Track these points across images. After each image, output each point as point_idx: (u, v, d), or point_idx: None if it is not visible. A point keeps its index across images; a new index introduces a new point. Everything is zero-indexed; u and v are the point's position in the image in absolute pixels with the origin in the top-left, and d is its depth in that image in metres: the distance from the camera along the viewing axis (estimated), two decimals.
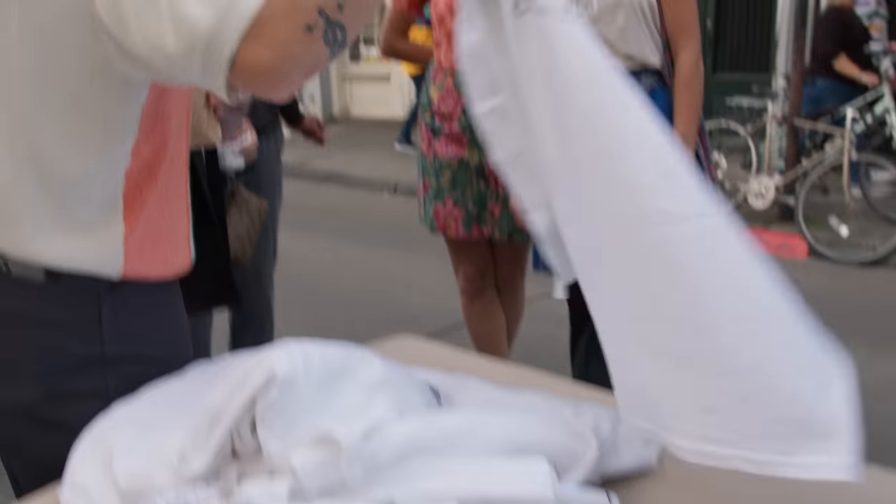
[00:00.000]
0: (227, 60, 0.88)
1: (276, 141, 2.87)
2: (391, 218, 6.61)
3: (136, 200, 1.10)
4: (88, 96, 1.01)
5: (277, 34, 0.87)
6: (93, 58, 0.98)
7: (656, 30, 2.22)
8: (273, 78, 0.90)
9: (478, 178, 2.56)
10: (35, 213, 1.05)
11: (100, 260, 1.08)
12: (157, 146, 1.11)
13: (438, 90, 2.59)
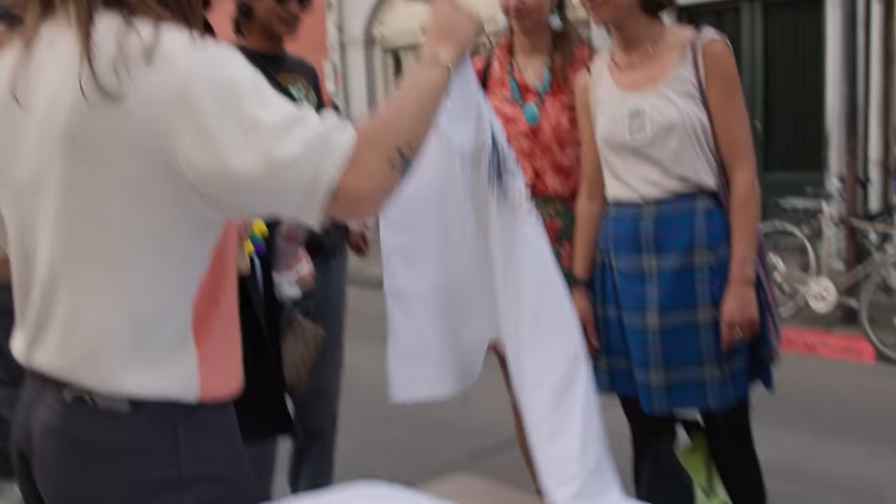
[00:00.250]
0: (327, 193, 1.05)
1: (343, 259, 2.95)
2: None
3: (203, 326, 1.18)
4: (171, 240, 1.13)
5: (369, 168, 1.07)
6: (177, 208, 1.10)
7: (710, 151, 2.22)
8: (364, 204, 1.10)
9: None
10: (119, 348, 1.12)
11: (179, 385, 1.15)
12: (218, 275, 1.20)
13: None
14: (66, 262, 1.14)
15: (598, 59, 2.42)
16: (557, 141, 2.53)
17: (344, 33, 12.56)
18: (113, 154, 1.08)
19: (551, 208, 2.56)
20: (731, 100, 2.21)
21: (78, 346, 1.14)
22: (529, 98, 2.58)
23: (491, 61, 2.70)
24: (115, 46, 1.07)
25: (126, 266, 1.12)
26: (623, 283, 2.31)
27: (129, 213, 1.10)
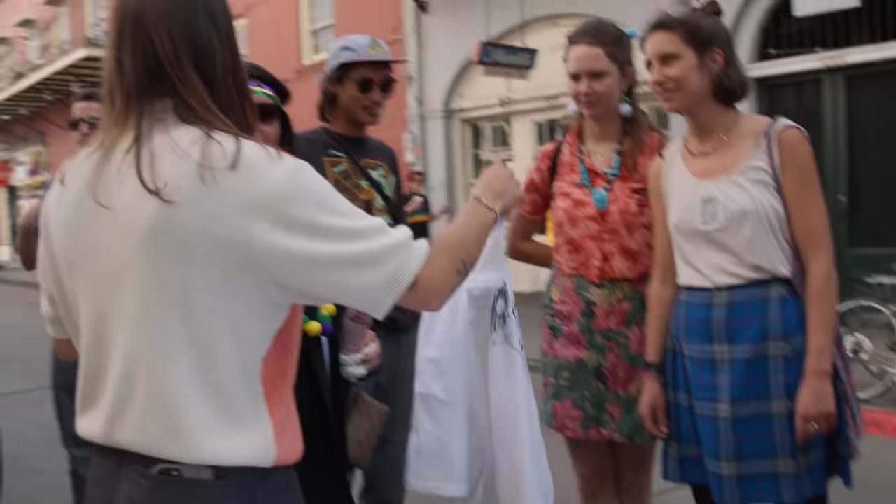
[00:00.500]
0: (409, 285, 1.27)
1: (416, 336, 2.98)
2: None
3: (274, 395, 1.30)
4: (248, 322, 1.27)
5: (443, 267, 1.32)
6: (255, 295, 1.26)
7: (785, 239, 2.19)
8: (435, 295, 1.33)
9: (596, 380, 2.56)
10: (202, 421, 1.22)
11: (258, 452, 1.26)
12: (286, 348, 1.34)
13: (558, 291, 2.65)
14: (148, 346, 1.24)
15: (672, 145, 2.44)
16: (625, 224, 2.54)
17: (424, 106, 12.86)
18: (199, 249, 1.21)
19: (619, 291, 2.55)
20: (806, 188, 2.18)
21: (162, 421, 1.22)
22: (598, 183, 2.60)
23: (561, 146, 2.75)
24: (200, 154, 1.21)
25: (207, 347, 1.23)
26: (694, 370, 2.28)
27: (211, 301, 1.23)
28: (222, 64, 1.33)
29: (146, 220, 1.22)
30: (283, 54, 15.42)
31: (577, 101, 2.60)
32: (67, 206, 1.34)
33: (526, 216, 2.86)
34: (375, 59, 2.76)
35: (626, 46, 2.59)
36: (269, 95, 2.04)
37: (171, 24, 1.29)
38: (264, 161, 1.24)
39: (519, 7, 10.68)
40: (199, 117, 1.28)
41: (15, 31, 26.20)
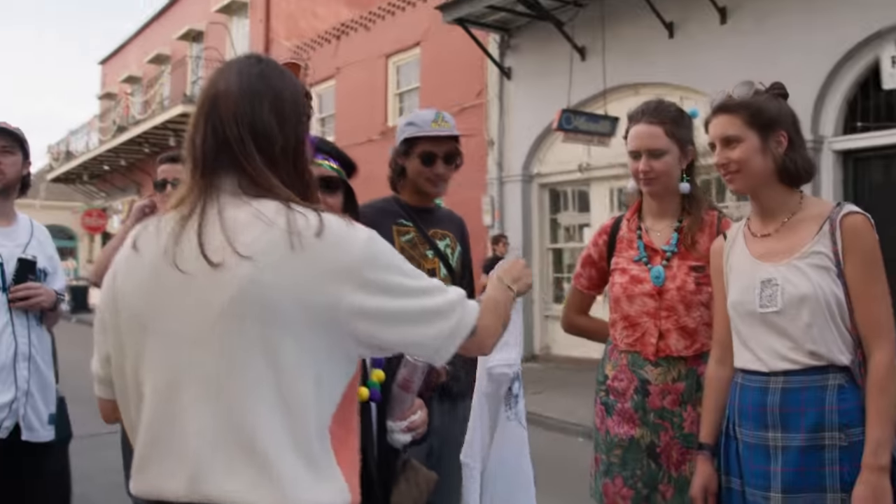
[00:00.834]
0: (469, 334, 1.50)
1: (470, 403, 2.99)
2: (583, 468, 6.43)
3: (341, 445, 1.42)
4: (327, 376, 1.41)
5: (492, 323, 1.59)
6: (336, 351, 1.42)
7: (846, 327, 2.14)
8: (487, 343, 1.59)
9: (648, 459, 2.53)
10: (290, 470, 1.33)
11: (339, 496, 1.39)
12: (350, 398, 1.48)
13: (613, 368, 2.65)
14: (237, 403, 1.34)
15: (735, 224, 2.43)
16: (683, 302, 2.53)
17: (503, 170, 12.99)
18: (286, 311, 1.34)
19: (675, 370, 2.54)
20: (870, 275, 2.14)
21: (254, 474, 1.32)
22: (656, 259, 2.61)
23: (620, 222, 2.77)
24: (286, 222, 1.37)
25: (294, 403, 1.35)
26: (747, 455, 2.23)
27: (297, 359, 1.36)
28: (282, 146, 1.50)
29: (233, 284, 1.34)
30: (369, 115, 15.85)
31: (636, 179, 2.63)
32: (142, 270, 1.45)
33: (582, 291, 2.88)
34: (437, 134, 2.86)
35: (686, 125, 2.62)
36: (334, 168, 2.15)
37: (238, 109, 1.48)
38: (345, 230, 1.42)
39: (601, 75, 10.77)
40: (267, 190, 1.43)
41: (121, 88, 27.66)
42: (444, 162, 2.89)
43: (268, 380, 1.34)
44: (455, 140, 2.93)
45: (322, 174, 2.06)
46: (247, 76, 1.51)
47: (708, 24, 9.91)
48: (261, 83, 1.51)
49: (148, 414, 1.41)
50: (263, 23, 20.02)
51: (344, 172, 2.19)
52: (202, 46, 22.60)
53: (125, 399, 1.49)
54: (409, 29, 15.13)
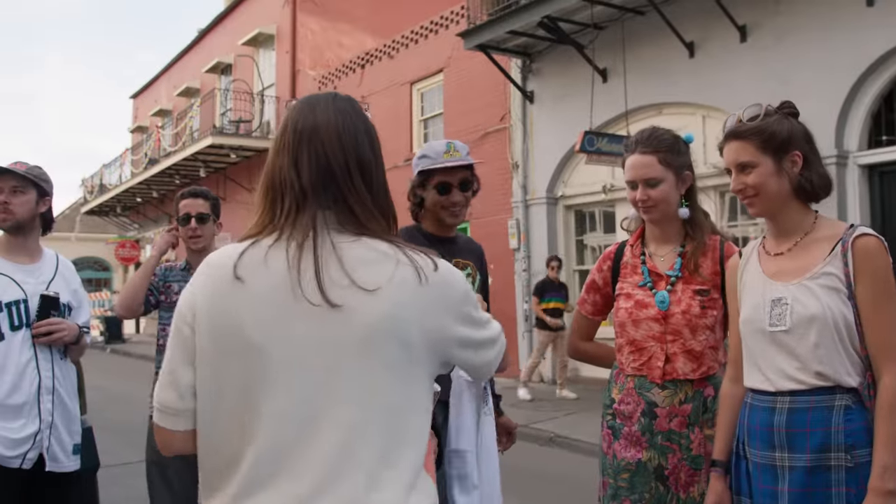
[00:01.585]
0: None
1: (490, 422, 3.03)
2: None
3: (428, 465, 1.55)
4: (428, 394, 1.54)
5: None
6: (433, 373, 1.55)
7: (854, 349, 2.14)
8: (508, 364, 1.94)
9: (657, 482, 2.55)
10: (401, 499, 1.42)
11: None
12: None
13: (619, 391, 2.67)
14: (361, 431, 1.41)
15: (751, 242, 2.44)
16: (688, 326, 2.56)
17: (528, 193, 13.04)
18: (415, 342, 1.46)
19: (681, 393, 2.55)
20: (880, 298, 2.12)
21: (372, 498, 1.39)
22: (661, 284, 2.63)
23: (623, 248, 2.81)
24: (408, 259, 1.49)
25: (408, 434, 1.46)
26: (756, 475, 2.24)
27: (416, 393, 1.49)
28: (377, 176, 1.58)
29: (370, 317, 1.42)
30: (395, 142, 15.99)
31: (636, 207, 2.67)
32: (256, 300, 1.44)
33: (587, 316, 2.91)
34: (449, 165, 2.91)
35: (681, 152, 2.65)
36: None
37: (344, 142, 1.54)
38: (450, 268, 1.57)
39: (623, 96, 10.81)
40: (361, 223, 1.51)
41: (152, 121, 28.16)
42: (460, 190, 2.94)
43: (391, 409, 1.44)
44: (469, 168, 2.99)
45: None
46: (341, 110, 1.57)
47: (728, 43, 9.93)
48: (357, 119, 1.58)
49: (273, 435, 1.41)
50: (290, 54, 20.31)
51: None
52: (230, 79, 22.95)
53: (219, 426, 1.47)
54: (432, 56, 15.30)
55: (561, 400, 10.75)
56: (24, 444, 3.02)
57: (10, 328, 3.07)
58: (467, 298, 1.57)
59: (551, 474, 7.23)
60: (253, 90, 21.18)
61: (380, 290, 1.42)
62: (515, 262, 13.04)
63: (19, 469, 3.01)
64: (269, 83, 21.37)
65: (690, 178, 2.65)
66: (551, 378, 12.24)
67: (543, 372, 12.53)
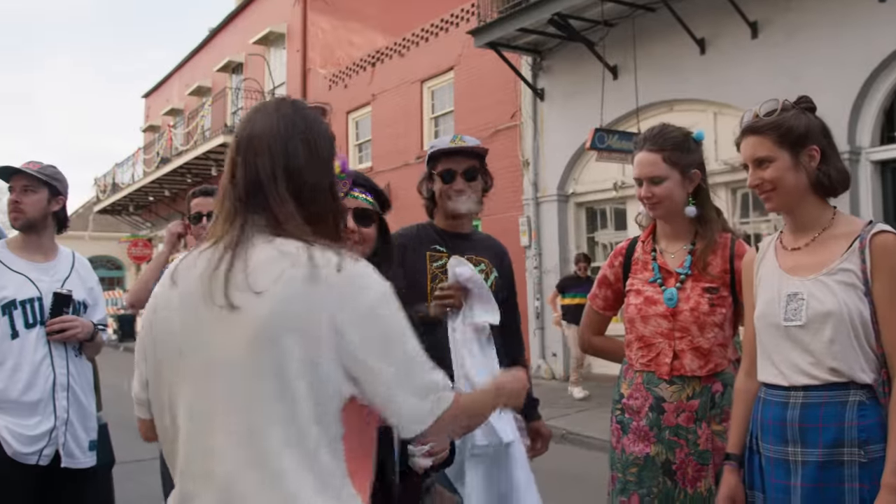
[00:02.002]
0: (433, 423, 1.49)
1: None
2: None
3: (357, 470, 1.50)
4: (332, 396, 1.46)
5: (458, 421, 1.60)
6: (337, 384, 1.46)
7: (869, 345, 2.13)
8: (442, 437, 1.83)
9: (664, 476, 2.56)
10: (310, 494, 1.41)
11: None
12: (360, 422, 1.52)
13: (628, 386, 2.68)
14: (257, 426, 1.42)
15: (768, 237, 2.43)
16: (697, 323, 2.56)
17: (539, 190, 13.04)
18: (304, 344, 1.42)
19: (689, 388, 2.57)
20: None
21: (278, 498, 1.40)
22: (671, 282, 2.64)
23: (634, 244, 2.81)
24: (308, 258, 1.47)
25: (307, 432, 1.42)
26: (769, 470, 2.24)
27: (308, 382, 1.42)
28: (314, 184, 1.58)
29: (255, 321, 1.43)
30: (405, 140, 16.03)
31: (643, 204, 2.68)
32: (179, 302, 1.54)
33: (598, 311, 2.92)
34: (451, 148, 2.93)
35: (688, 150, 2.65)
36: (368, 201, 2.29)
37: (273, 149, 1.56)
38: (366, 271, 1.51)
39: (633, 93, 10.79)
40: (285, 230, 1.52)
41: (164, 120, 28.29)
42: (465, 179, 2.95)
43: (285, 404, 1.42)
44: (476, 159, 2.99)
45: (358, 206, 2.24)
46: (281, 116, 1.59)
47: (739, 40, 9.90)
48: (295, 123, 1.59)
49: (183, 445, 1.50)
50: (301, 52, 20.37)
51: (377, 205, 2.33)
52: (241, 77, 23.03)
53: (162, 424, 1.58)
54: (443, 54, 15.31)
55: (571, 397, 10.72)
56: (40, 440, 3.06)
57: (25, 326, 3.11)
58: (377, 310, 1.48)
59: (562, 471, 7.22)
60: (264, 89, 21.24)
61: (266, 291, 1.44)
62: (526, 260, 13.03)
63: (36, 465, 3.05)
64: (280, 82, 21.43)
65: (698, 176, 2.65)
66: (563, 374, 12.24)
67: (555, 368, 12.53)
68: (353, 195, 2.20)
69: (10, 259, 3.20)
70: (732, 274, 2.59)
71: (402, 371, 1.48)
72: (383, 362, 1.46)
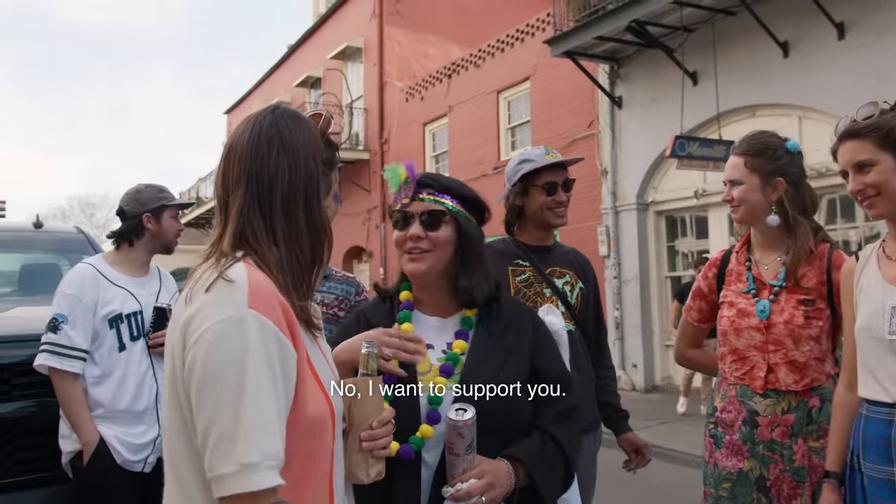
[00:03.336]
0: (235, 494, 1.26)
1: (595, 438, 3.03)
2: None
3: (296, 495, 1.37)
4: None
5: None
6: None
7: None
8: None
9: (758, 493, 2.51)
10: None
11: None
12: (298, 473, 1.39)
13: (722, 399, 2.64)
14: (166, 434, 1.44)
15: (869, 245, 2.34)
16: (791, 336, 2.51)
17: (618, 199, 12.92)
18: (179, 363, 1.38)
19: (784, 402, 2.51)
20: None
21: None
22: (765, 293, 2.59)
23: (729, 255, 2.77)
24: (197, 277, 1.41)
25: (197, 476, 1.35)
26: (871, 490, 2.15)
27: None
28: (288, 193, 1.46)
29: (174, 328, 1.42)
30: (482, 151, 16.09)
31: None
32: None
33: (693, 324, 2.88)
34: (555, 162, 2.94)
35: (774, 157, 2.58)
36: (440, 202, 2.05)
37: (244, 157, 1.47)
38: (227, 292, 1.34)
39: (714, 99, 10.62)
40: (248, 244, 1.44)
41: None
42: (564, 190, 2.97)
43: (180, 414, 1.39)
44: (566, 170, 3.00)
45: (425, 209, 2.03)
46: (258, 125, 1.49)
47: (825, 41, 9.64)
48: (270, 130, 1.48)
49: None
50: (377, 66, 20.65)
51: (464, 210, 2.08)
52: (320, 92, 23.48)
53: None
54: (519, 64, 15.32)
55: (655, 408, 10.51)
56: (146, 448, 3.20)
57: (130, 338, 3.26)
58: (221, 349, 1.30)
59: (645, 484, 7.12)
60: (342, 103, 21.59)
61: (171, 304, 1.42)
62: (605, 270, 12.91)
63: (140, 473, 3.18)
64: (358, 95, 21.75)
65: (782, 185, 2.57)
66: (643, 387, 12.08)
67: (635, 380, 12.37)
68: (420, 198, 2.05)
69: (112, 274, 3.35)
70: (830, 285, 2.52)
71: (214, 423, 1.29)
72: (197, 407, 1.32)
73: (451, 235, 2.05)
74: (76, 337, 3.16)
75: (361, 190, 20.45)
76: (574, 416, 2.06)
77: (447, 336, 2.06)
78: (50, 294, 3.37)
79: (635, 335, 12.41)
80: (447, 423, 1.81)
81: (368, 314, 2.17)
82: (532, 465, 1.91)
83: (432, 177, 2.09)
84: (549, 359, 2.08)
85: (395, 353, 1.93)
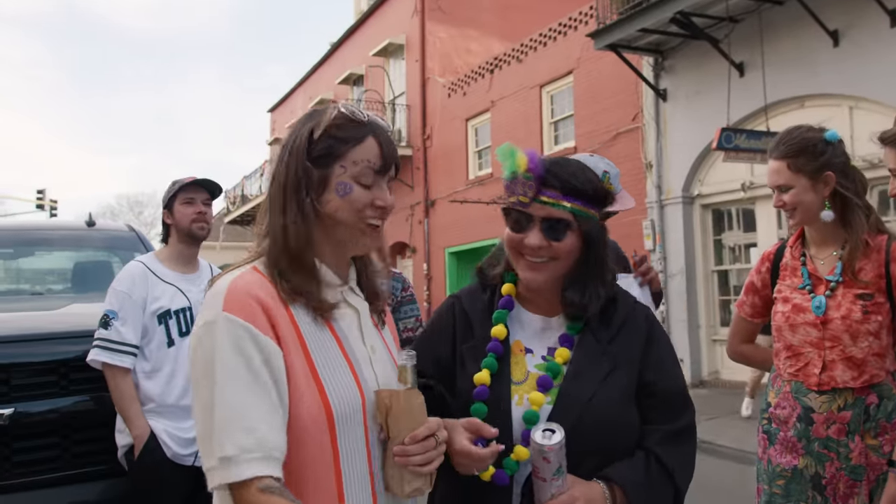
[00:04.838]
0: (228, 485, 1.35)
1: None
2: None
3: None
4: None
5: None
6: None
7: None
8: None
9: (814, 490, 2.46)
10: None
11: None
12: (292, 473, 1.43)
13: (776, 395, 2.60)
14: None
15: None
16: (848, 332, 2.44)
17: (663, 192, 12.78)
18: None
19: (841, 399, 2.45)
20: None
21: None
22: (820, 289, 2.53)
23: (783, 249, 2.71)
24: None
25: None
26: None
27: None
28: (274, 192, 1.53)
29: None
30: (525, 146, 15.85)
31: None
32: None
33: (746, 319, 2.83)
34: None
35: (816, 153, 2.50)
36: (564, 207, 1.77)
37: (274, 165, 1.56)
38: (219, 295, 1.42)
39: (761, 90, 10.45)
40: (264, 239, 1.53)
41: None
42: None
43: None
44: None
45: (547, 215, 1.77)
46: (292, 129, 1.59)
47: (876, 29, 9.42)
48: (291, 136, 1.56)
49: None
50: (419, 62, 20.69)
51: (588, 210, 1.80)
52: (363, 89, 23.60)
53: None
54: (561, 58, 15.24)
55: (703, 403, 10.35)
56: (195, 443, 3.24)
57: (179, 334, 3.31)
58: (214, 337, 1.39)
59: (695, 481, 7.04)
60: (384, 99, 21.68)
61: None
62: (651, 264, 12.77)
63: (191, 466, 3.23)
64: (400, 92, 21.82)
65: (832, 178, 2.50)
66: (691, 382, 11.94)
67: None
68: (542, 200, 1.76)
69: (161, 271, 3.41)
70: (889, 279, 2.46)
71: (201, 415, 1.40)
72: (195, 394, 1.42)
73: (575, 244, 1.79)
74: (126, 332, 3.22)
75: (405, 186, 20.52)
76: (687, 438, 1.80)
77: (550, 339, 1.84)
78: (103, 291, 3.44)
79: (682, 330, 12.27)
80: (532, 446, 1.64)
81: (465, 302, 1.94)
82: (632, 490, 1.68)
83: (557, 174, 1.78)
84: (661, 368, 1.82)
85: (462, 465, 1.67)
